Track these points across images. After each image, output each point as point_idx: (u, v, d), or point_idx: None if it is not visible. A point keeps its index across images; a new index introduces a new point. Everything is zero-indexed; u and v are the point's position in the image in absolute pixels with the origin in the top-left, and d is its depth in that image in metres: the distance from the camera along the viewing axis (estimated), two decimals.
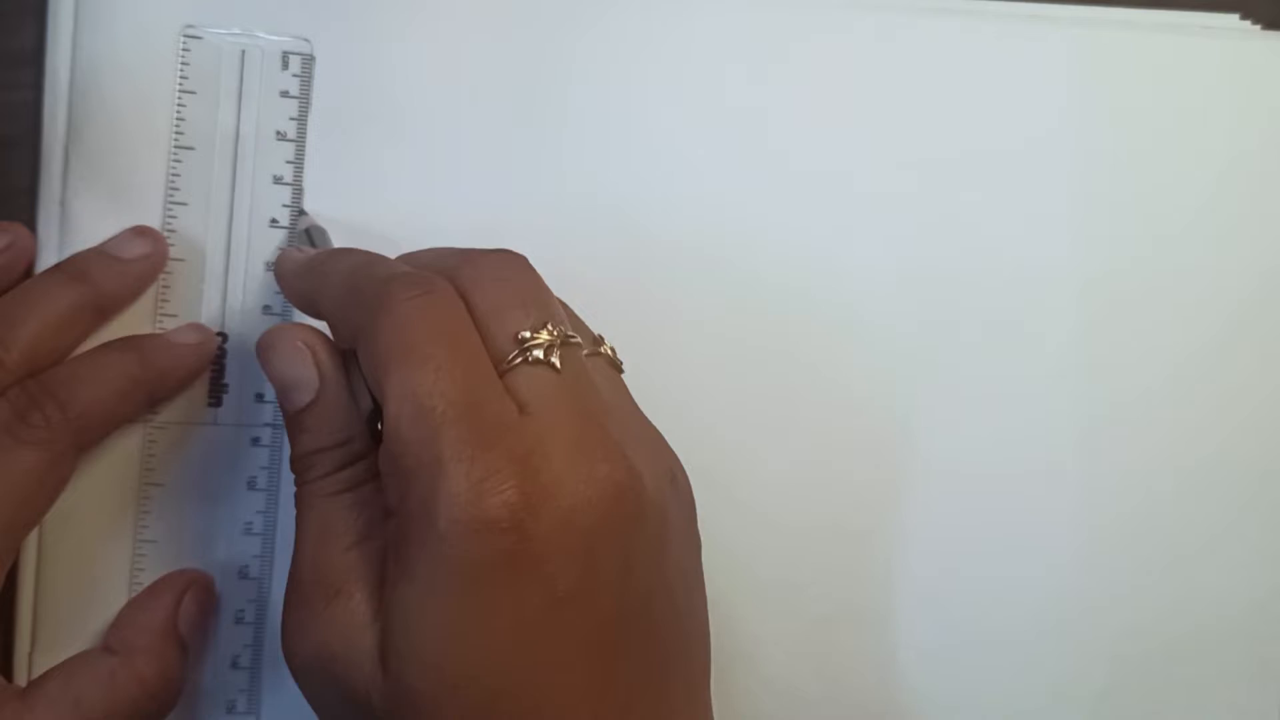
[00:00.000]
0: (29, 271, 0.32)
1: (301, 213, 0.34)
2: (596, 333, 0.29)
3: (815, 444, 0.36)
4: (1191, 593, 0.37)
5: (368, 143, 0.34)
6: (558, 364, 0.26)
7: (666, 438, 0.28)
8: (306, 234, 0.33)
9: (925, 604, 0.36)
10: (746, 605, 0.35)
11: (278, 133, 0.33)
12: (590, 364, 0.27)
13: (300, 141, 0.34)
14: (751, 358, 0.36)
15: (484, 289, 0.27)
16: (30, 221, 0.33)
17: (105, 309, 0.31)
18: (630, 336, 0.35)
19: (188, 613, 0.32)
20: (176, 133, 0.33)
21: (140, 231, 0.32)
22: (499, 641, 0.24)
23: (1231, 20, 0.38)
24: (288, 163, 0.34)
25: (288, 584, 0.27)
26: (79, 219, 0.33)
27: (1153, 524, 0.37)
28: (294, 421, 0.28)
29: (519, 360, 0.26)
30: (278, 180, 0.33)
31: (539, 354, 0.26)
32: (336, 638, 0.25)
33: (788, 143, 0.36)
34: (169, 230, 0.33)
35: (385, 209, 0.34)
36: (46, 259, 0.33)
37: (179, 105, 0.33)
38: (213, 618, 0.33)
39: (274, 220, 0.33)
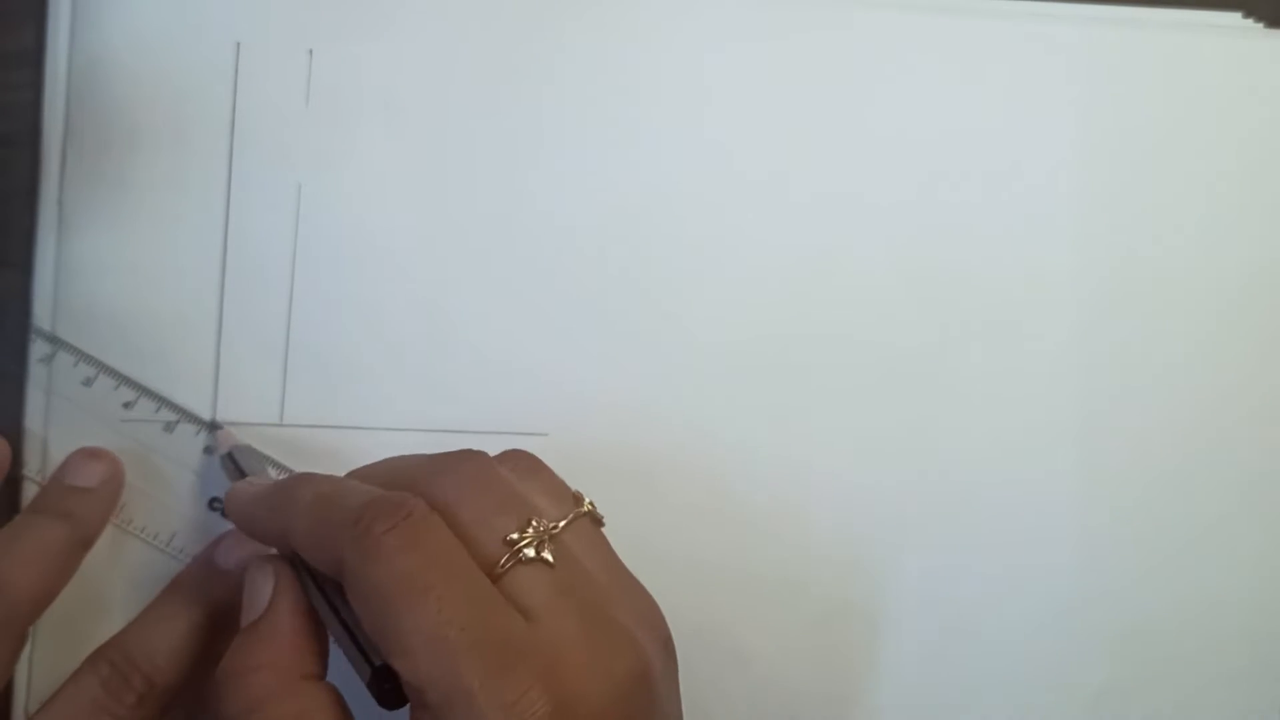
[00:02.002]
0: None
1: (215, 427, 0.33)
2: (575, 490, 0.29)
3: (815, 442, 0.36)
4: (1191, 590, 0.37)
5: (367, 143, 0.34)
6: (550, 559, 0.26)
7: (665, 438, 0.28)
8: (230, 458, 0.32)
9: (925, 603, 0.36)
10: (746, 604, 0.35)
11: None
12: (575, 538, 0.27)
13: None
14: (750, 357, 0.36)
15: (462, 500, 0.27)
16: (30, 221, 0.33)
17: (90, 543, 0.32)
18: (629, 336, 0.35)
19: None
20: None
21: (93, 454, 0.33)
22: None
23: (1234, 19, 0.38)
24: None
25: None
26: (78, 219, 0.33)
27: (1152, 522, 0.37)
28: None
29: (511, 564, 0.26)
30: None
31: (530, 552, 0.26)
32: None
33: (786, 143, 0.36)
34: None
35: (385, 209, 0.34)
36: (46, 258, 0.33)
37: None
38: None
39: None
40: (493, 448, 0.29)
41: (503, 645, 0.25)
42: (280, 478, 0.32)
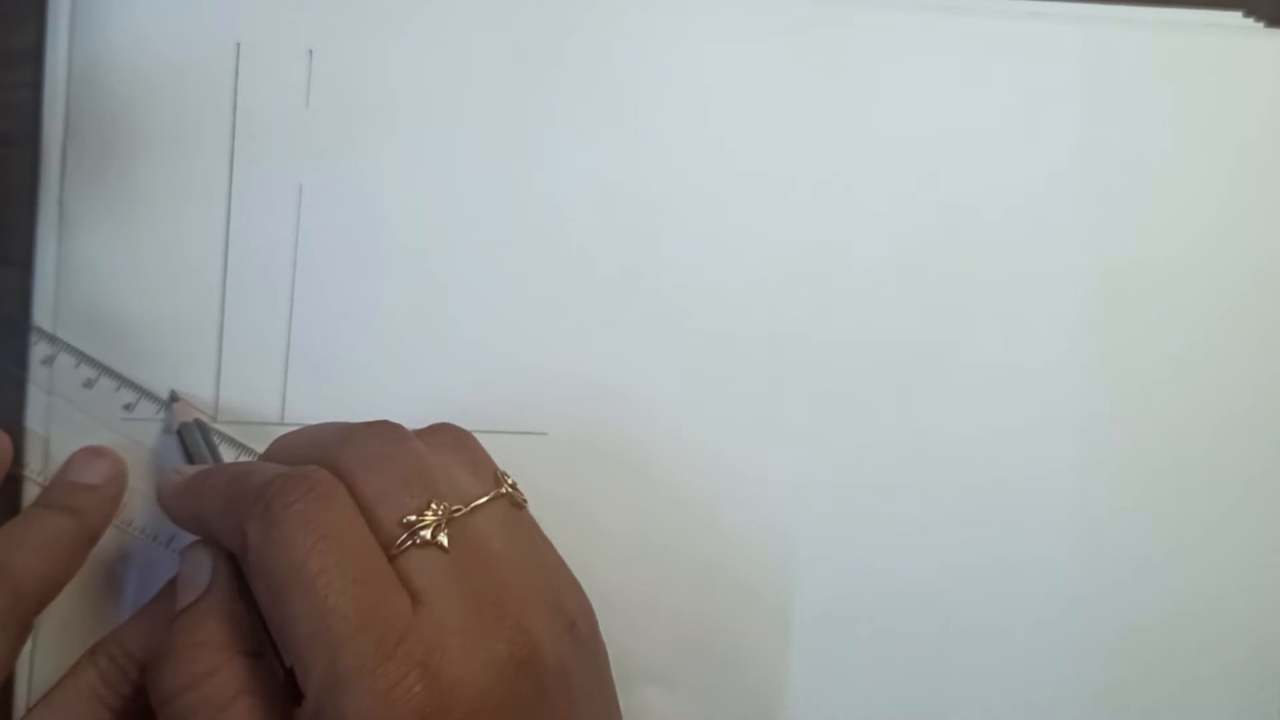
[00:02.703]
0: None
1: (173, 399, 0.33)
2: (501, 470, 0.29)
3: (814, 441, 0.36)
4: (1190, 589, 0.37)
5: (368, 143, 0.34)
6: (445, 543, 0.26)
7: (664, 438, 0.28)
8: (179, 435, 0.32)
9: (925, 602, 0.36)
10: (746, 604, 0.35)
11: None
12: (487, 519, 0.27)
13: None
14: (749, 357, 0.36)
15: (366, 473, 0.27)
16: (30, 221, 0.33)
17: (96, 539, 0.32)
18: (630, 335, 0.35)
19: None
20: None
21: (97, 452, 0.33)
22: None
23: (1234, 18, 0.38)
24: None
25: None
26: (78, 219, 0.33)
27: (1152, 521, 0.37)
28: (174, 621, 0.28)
29: (408, 544, 0.26)
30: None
31: (426, 534, 0.26)
32: None
33: (786, 142, 0.36)
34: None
35: (385, 209, 0.34)
36: (46, 257, 0.33)
37: None
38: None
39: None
40: (493, 446, 0.29)
41: (384, 632, 0.24)
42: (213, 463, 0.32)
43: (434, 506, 0.26)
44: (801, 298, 0.36)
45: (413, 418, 0.34)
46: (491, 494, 0.28)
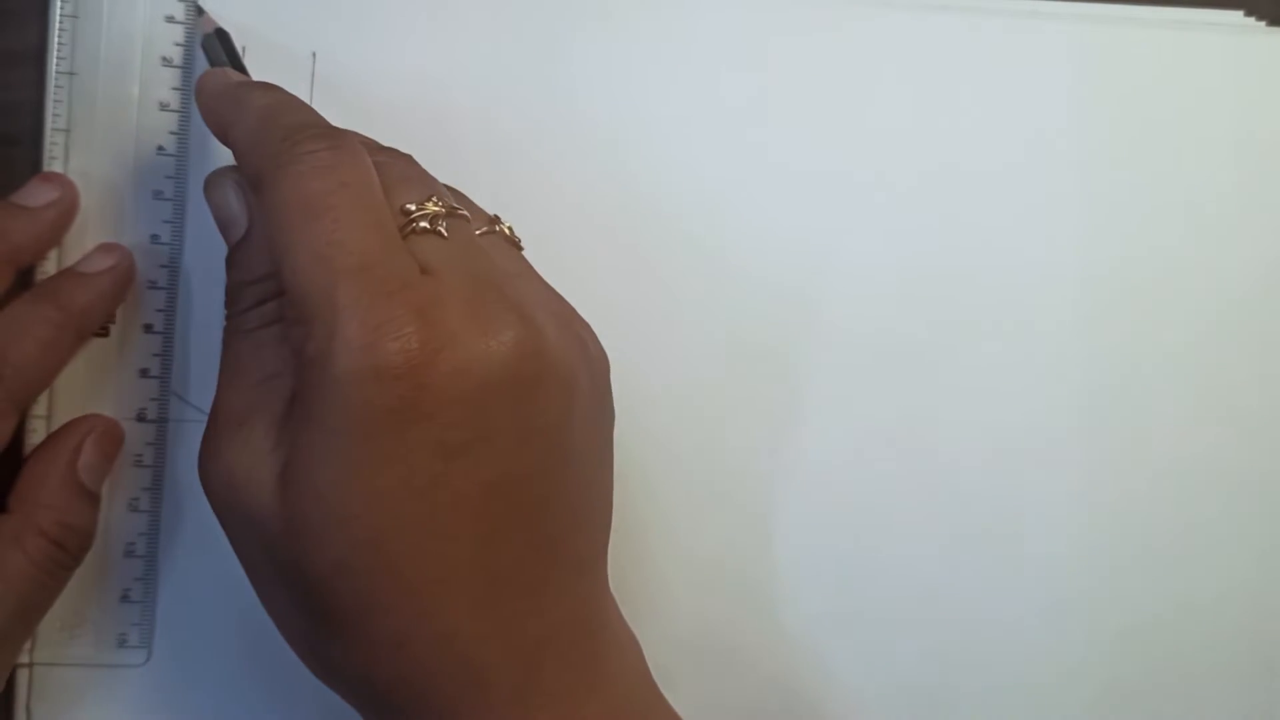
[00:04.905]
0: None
1: (200, 12, 0.33)
2: (493, 214, 0.29)
3: (815, 438, 0.36)
4: (1192, 588, 0.37)
5: None
6: (444, 232, 0.26)
7: (664, 435, 0.28)
8: (215, 38, 0.32)
9: (925, 601, 0.36)
10: (747, 603, 0.36)
11: (163, 59, 0.33)
12: (486, 240, 0.28)
13: (187, 67, 0.33)
14: (751, 355, 0.36)
15: (397, 162, 0.28)
16: None
17: (19, 262, 0.31)
18: (630, 333, 0.35)
19: (89, 460, 0.31)
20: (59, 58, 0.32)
21: (47, 178, 0.32)
22: (387, 485, 0.24)
23: (1235, 17, 0.38)
24: (174, 89, 0.33)
25: (209, 414, 0.27)
26: (79, 219, 0.33)
27: (1153, 519, 0.37)
28: (228, 258, 0.28)
29: (407, 230, 0.26)
30: (164, 107, 0.33)
31: (425, 224, 0.26)
32: (240, 464, 0.26)
33: (787, 140, 0.36)
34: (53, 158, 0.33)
35: None
36: (47, 258, 0.33)
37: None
38: (116, 462, 0.32)
39: (160, 148, 0.33)
40: None
41: (386, 277, 0.24)
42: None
43: (435, 201, 0.27)
44: (801, 296, 0.36)
45: None
46: (487, 228, 0.28)
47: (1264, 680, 0.37)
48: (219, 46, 0.32)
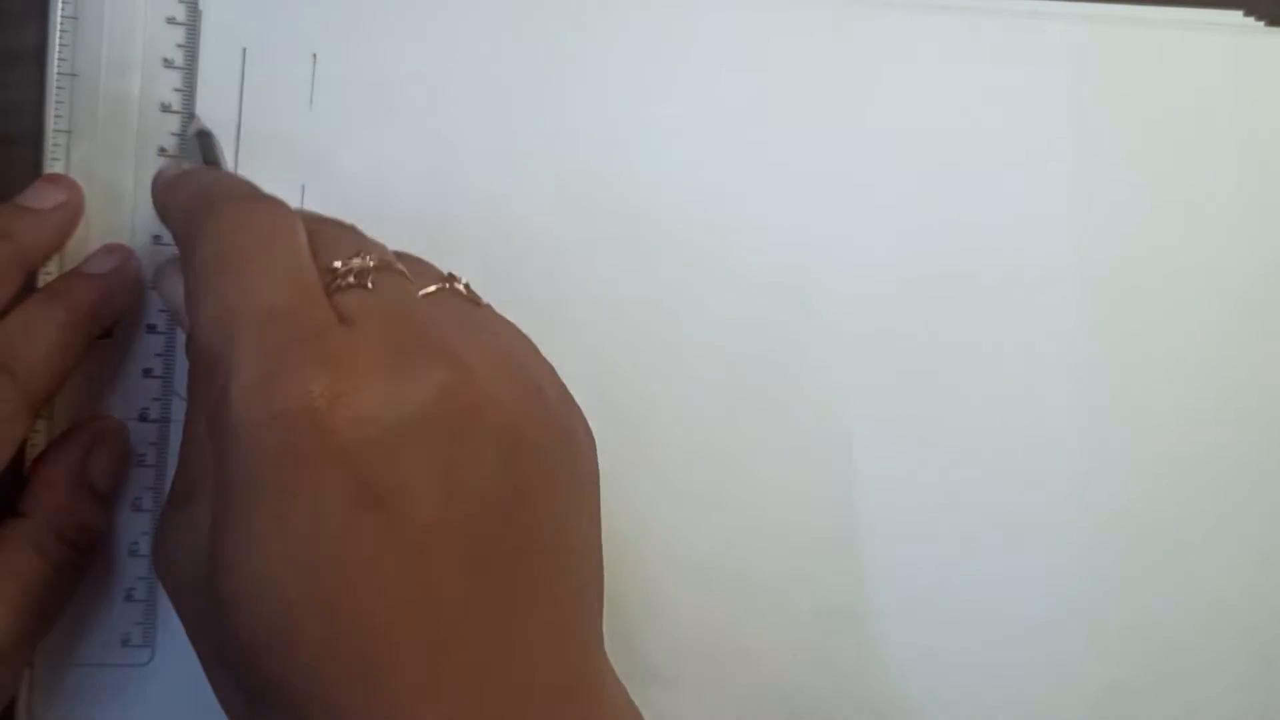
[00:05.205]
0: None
1: (192, 116, 0.33)
2: (447, 273, 0.28)
3: (815, 440, 0.36)
4: (1192, 589, 0.37)
5: (371, 145, 0.34)
6: (371, 286, 0.25)
7: (664, 436, 0.28)
8: (195, 139, 0.32)
9: (926, 601, 0.36)
10: (747, 603, 0.36)
11: (164, 59, 0.33)
12: (434, 296, 0.26)
13: (189, 68, 0.33)
14: (749, 356, 0.36)
15: (312, 224, 0.27)
16: None
17: (28, 264, 0.31)
18: (629, 334, 0.35)
19: (100, 463, 0.31)
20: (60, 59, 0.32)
21: (53, 179, 0.32)
22: (297, 545, 0.22)
23: (1235, 17, 0.38)
24: (175, 90, 0.33)
25: None
26: (80, 219, 0.33)
27: (1153, 521, 0.37)
28: (185, 346, 0.28)
29: (333, 286, 0.25)
30: (165, 108, 0.33)
31: (351, 279, 0.25)
32: (181, 544, 0.24)
33: (787, 141, 0.36)
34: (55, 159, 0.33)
35: (385, 209, 0.34)
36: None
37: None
38: (128, 464, 0.32)
39: (162, 149, 0.33)
40: None
41: (295, 324, 0.23)
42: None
43: (364, 256, 0.25)
44: (802, 297, 0.36)
45: None
46: (437, 285, 0.26)
47: (1264, 680, 0.38)
48: (196, 148, 0.32)
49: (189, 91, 0.33)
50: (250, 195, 0.26)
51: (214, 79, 0.33)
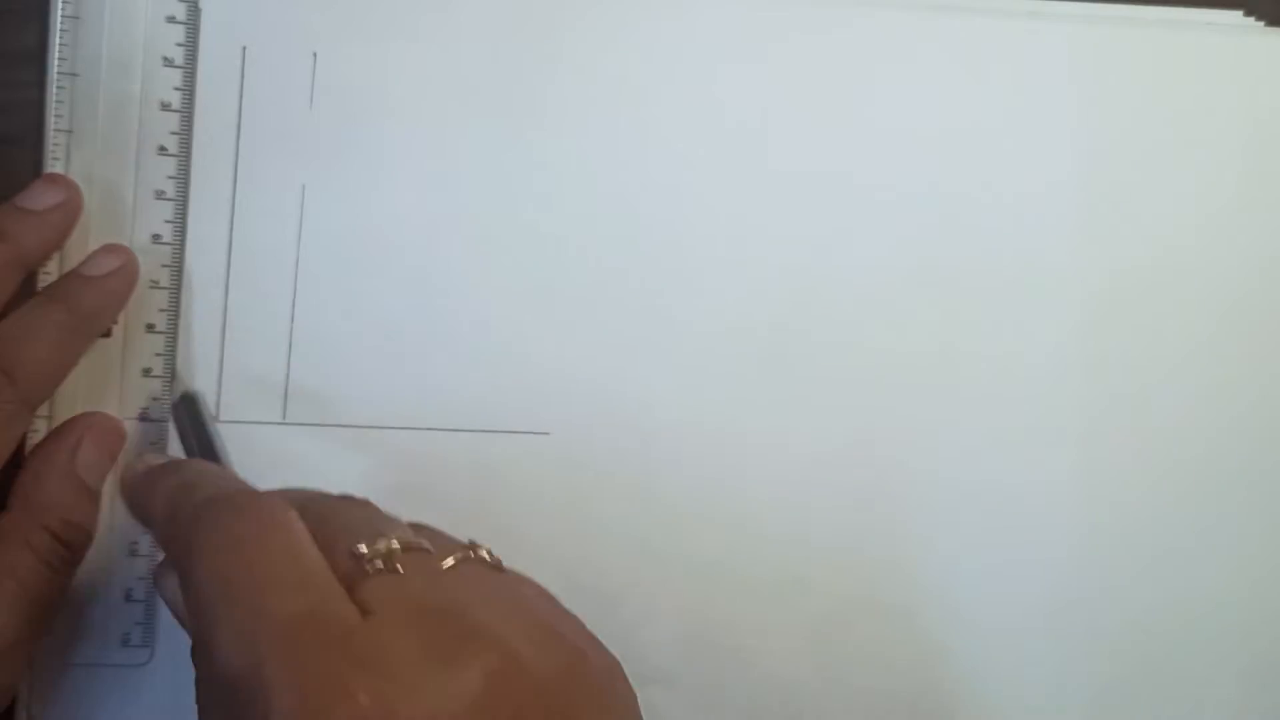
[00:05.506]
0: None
1: (174, 375, 0.33)
2: (467, 540, 0.26)
3: (816, 440, 0.36)
4: (1191, 589, 0.37)
5: (371, 144, 0.34)
6: (400, 569, 0.24)
7: (664, 436, 0.28)
8: (181, 404, 0.32)
9: (926, 601, 0.36)
10: (748, 603, 0.36)
11: (164, 59, 0.33)
12: (458, 569, 0.25)
13: (189, 67, 0.33)
14: (752, 355, 0.36)
15: (325, 510, 0.25)
16: None
17: (27, 264, 0.31)
18: (632, 334, 0.35)
19: (87, 458, 0.31)
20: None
21: (52, 180, 0.32)
22: None
23: (1235, 17, 0.38)
24: (175, 89, 0.33)
25: None
26: (81, 219, 0.33)
27: (1152, 521, 0.37)
28: (191, 651, 0.25)
29: (360, 575, 0.23)
30: (165, 107, 0.33)
31: (379, 564, 0.24)
32: None
33: (787, 141, 0.36)
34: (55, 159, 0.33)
35: (388, 209, 0.34)
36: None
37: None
38: (117, 459, 0.32)
39: (162, 148, 0.33)
40: (495, 446, 0.29)
41: (321, 634, 0.22)
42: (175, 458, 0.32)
43: (388, 540, 0.24)
44: (803, 298, 0.36)
45: (415, 417, 0.34)
46: (458, 556, 0.25)
47: (1264, 680, 0.38)
48: (182, 413, 0.32)
49: (189, 91, 0.33)
50: (235, 497, 0.25)
51: (214, 79, 0.33)
